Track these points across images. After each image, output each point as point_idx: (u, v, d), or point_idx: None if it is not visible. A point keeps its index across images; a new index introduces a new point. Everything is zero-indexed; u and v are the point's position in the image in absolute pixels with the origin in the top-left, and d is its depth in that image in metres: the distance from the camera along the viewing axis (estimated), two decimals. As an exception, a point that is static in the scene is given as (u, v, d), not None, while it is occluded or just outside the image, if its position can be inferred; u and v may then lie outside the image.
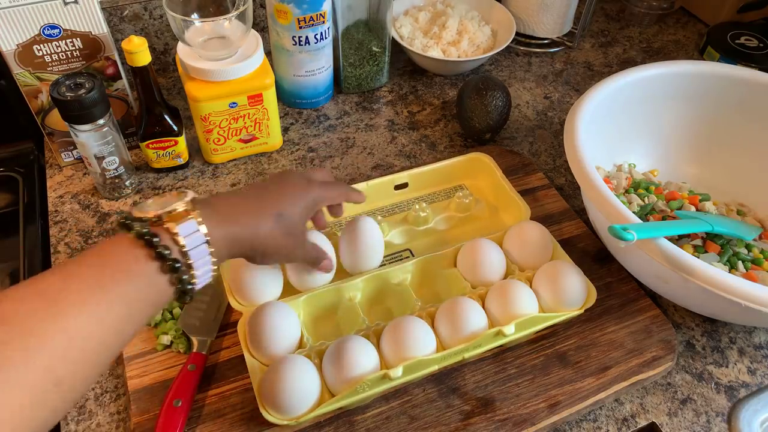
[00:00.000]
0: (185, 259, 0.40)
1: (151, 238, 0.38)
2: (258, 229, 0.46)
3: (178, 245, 0.39)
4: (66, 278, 0.36)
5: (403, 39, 0.89)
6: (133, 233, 0.39)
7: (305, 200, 0.50)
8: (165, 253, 0.38)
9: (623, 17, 1.06)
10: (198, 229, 0.41)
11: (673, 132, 0.73)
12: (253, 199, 0.48)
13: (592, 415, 0.55)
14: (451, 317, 0.54)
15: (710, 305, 0.55)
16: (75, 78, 0.62)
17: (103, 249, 0.38)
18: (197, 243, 0.40)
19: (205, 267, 0.41)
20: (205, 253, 0.41)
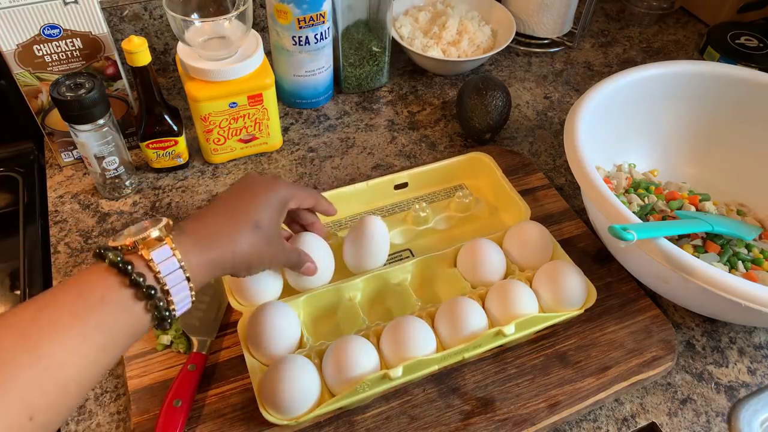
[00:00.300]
0: (161, 285, 0.39)
1: (126, 265, 0.38)
2: (237, 247, 0.45)
3: (152, 271, 0.39)
4: (40, 309, 0.35)
5: (403, 39, 0.89)
6: (106, 262, 0.38)
7: (275, 201, 0.49)
8: (139, 280, 0.38)
9: (623, 17, 1.06)
10: (173, 254, 0.40)
11: (673, 132, 0.73)
12: (227, 215, 0.46)
13: (592, 415, 0.55)
14: (451, 317, 0.54)
15: (710, 305, 0.55)
16: (75, 78, 0.62)
17: (79, 279, 0.38)
18: (172, 269, 0.40)
19: (182, 293, 0.41)
20: (181, 278, 0.40)
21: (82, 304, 0.36)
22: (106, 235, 0.67)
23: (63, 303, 0.36)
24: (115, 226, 0.68)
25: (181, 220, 0.64)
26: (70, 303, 0.36)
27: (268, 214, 0.48)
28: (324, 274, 0.57)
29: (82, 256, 0.65)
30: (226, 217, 0.46)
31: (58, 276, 0.63)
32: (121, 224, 0.69)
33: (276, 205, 0.49)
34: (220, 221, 0.46)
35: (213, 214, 0.46)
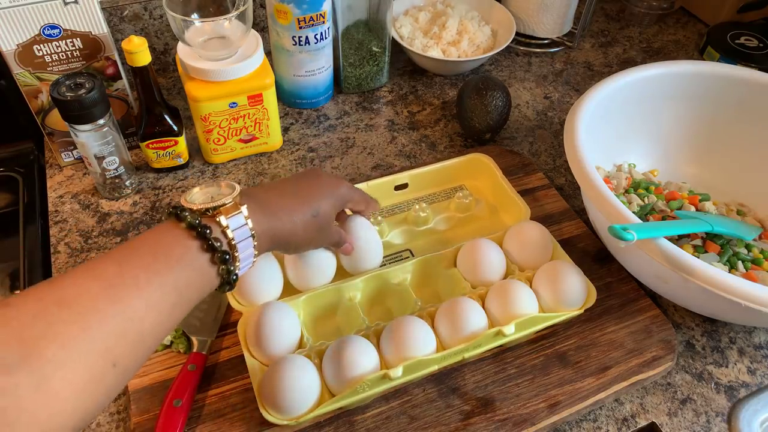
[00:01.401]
0: (232, 251, 0.41)
1: (204, 229, 0.40)
2: (295, 224, 0.48)
3: (227, 237, 0.41)
4: (122, 263, 0.37)
5: (403, 39, 0.89)
6: (185, 224, 0.40)
7: (335, 196, 0.52)
8: (216, 245, 0.40)
9: (623, 17, 1.06)
10: (246, 223, 0.42)
11: (673, 132, 0.73)
12: (292, 195, 0.49)
13: (592, 415, 0.55)
14: (451, 317, 0.54)
15: (710, 305, 0.55)
16: (75, 78, 0.62)
17: (156, 237, 0.40)
18: (244, 236, 0.42)
19: (247, 260, 0.43)
20: (249, 245, 0.43)
21: (162, 263, 0.38)
22: (106, 235, 0.67)
23: (143, 261, 0.38)
24: (115, 226, 0.68)
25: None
26: (150, 261, 0.38)
27: (326, 205, 0.51)
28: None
29: (83, 256, 0.65)
30: (290, 196, 0.49)
31: (58, 276, 0.63)
32: (121, 224, 0.69)
33: (335, 200, 0.52)
34: (285, 199, 0.48)
35: (279, 191, 0.49)
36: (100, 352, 0.33)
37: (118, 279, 0.36)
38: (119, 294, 0.35)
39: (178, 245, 0.39)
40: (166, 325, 0.38)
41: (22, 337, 0.31)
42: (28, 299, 0.33)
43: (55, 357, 0.31)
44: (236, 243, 0.41)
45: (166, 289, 0.37)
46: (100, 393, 0.34)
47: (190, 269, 0.39)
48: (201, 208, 0.41)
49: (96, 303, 0.34)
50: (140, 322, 0.36)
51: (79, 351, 0.32)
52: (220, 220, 0.41)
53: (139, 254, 0.38)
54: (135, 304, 0.36)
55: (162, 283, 0.37)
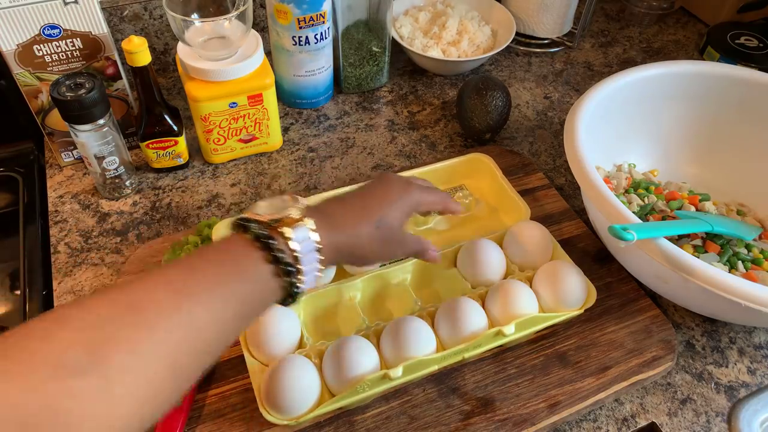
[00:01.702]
0: (296, 264, 0.40)
1: (268, 240, 0.39)
2: (359, 237, 0.46)
3: (291, 250, 0.40)
4: (189, 271, 0.37)
5: (403, 39, 0.89)
6: (250, 234, 0.40)
7: (404, 204, 0.50)
8: (280, 256, 0.39)
9: (623, 17, 1.06)
10: (310, 236, 0.42)
11: (672, 132, 0.73)
12: (357, 207, 0.48)
13: (592, 415, 0.55)
14: (451, 317, 0.54)
15: (710, 305, 0.55)
16: (75, 78, 0.62)
17: (222, 247, 0.40)
18: (309, 249, 0.41)
19: (312, 273, 0.42)
20: (314, 259, 0.42)
21: (226, 273, 0.38)
22: (106, 235, 0.67)
23: (210, 270, 0.37)
24: (115, 226, 0.68)
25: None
26: (216, 271, 0.38)
27: (393, 214, 0.49)
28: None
29: (82, 256, 0.65)
30: (355, 208, 0.48)
31: (58, 276, 0.63)
32: (121, 224, 0.69)
33: (404, 207, 0.50)
34: (348, 211, 0.47)
35: (344, 203, 0.48)
36: (163, 359, 0.33)
37: (184, 287, 0.36)
38: (184, 302, 0.35)
39: (243, 256, 0.39)
40: (227, 336, 0.38)
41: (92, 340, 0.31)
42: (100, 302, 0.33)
43: (122, 362, 0.31)
44: (300, 256, 0.40)
45: (230, 299, 0.37)
46: (159, 401, 0.33)
47: (254, 280, 0.39)
48: (267, 220, 0.41)
49: (162, 310, 0.34)
50: (203, 330, 0.35)
51: (145, 357, 0.32)
52: (284, 231, 0.40)
53: (206, 263, 0.38)
54: (199, 313, 0.35)
55: (225, 293, 0.37)
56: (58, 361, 0.29)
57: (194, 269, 0.37)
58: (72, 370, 0.29)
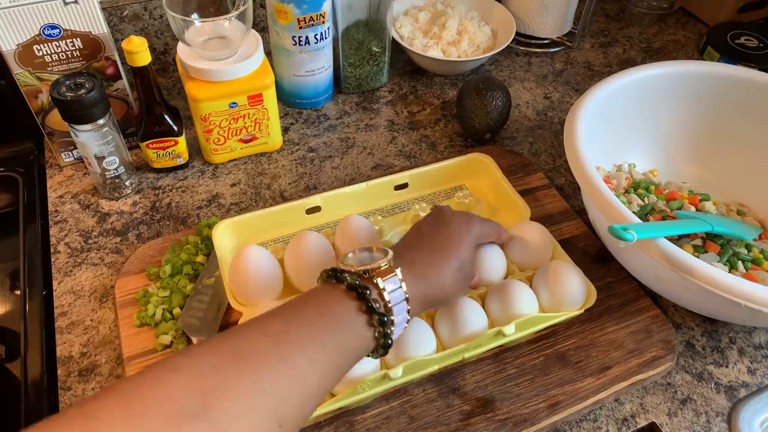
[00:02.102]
0: (388, 314, 0.41)
1: (364, 290, 0.40)
2: (445, 282, 0.48)
3: (383, 300, 0.41)
4: (288, 321, 0.38)
5: (403, 39, 0.89)
6: (344, 285, 0.41)
7: (471, 239, 0.52)
8: (375, 306, 0.40)
9: (623, 17, 1.06)
10: (400, 285, 0.43)
11: (673, 132, 0.73)
12: (436, 251, 0.49)
13: (592, 415, 0.55)
14: (451, 317, 0.54)
15: (710, 305, 0.55)
16: (75, 78, 0.62)
17: (318, 296, 0.41)
18: (399, 300, 0.42)
19: (401, 324, 0.43)
20: (403, 309, 0.43)
21: (323, 322, 0.38)
22: (106, 235, 0.67)
23: (308, 319, 0.38)
24: (115, 226, 0.68)
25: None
26: (314, 319, 0.38)
27: (466, 252, 0.50)
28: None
29: (82, 256, 0.65)
30: (434, 254, 0.48)
31: (58, 276, 0.63)
32: (121, 224, 0.69)
33: (472, 243, 0.52)
34: (428, 257, 0.48)
35: (422, 248, 0.49)
36: (268, 408, 0.34)
37: (284, 336, 0.36)
38: (286, 351, 0.36)
39: (339, 305, 0.40)
40: (326, 386, 0.38)
41: (202, 388, 0.32)
42: (206, 350, 0.34)
43: (231, 410, 0.32)
44: (392, 306, 0.42)
45: (328, 348, 0.38)
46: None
47: (350, 329, 0.40)
48: (359, 270, 0.42)
49: (266, 358, 0.35)
50: (304, 380, 0.36)
51: (252, 405, 0.33)
52: (378, 282, 0.42)
53: (304, 312, 0.39)
54: (300, 362, 0.36)
55: (324, 341, 0.38)
56: (172, 408, 0.31)
57: (293, 318, 0.38)
58: (187, 417, 0.30)
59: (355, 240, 0.59)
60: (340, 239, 0.59)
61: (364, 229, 0.59)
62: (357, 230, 0.59)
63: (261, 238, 0.64)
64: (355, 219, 0.60)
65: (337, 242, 0.60)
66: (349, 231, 0.59)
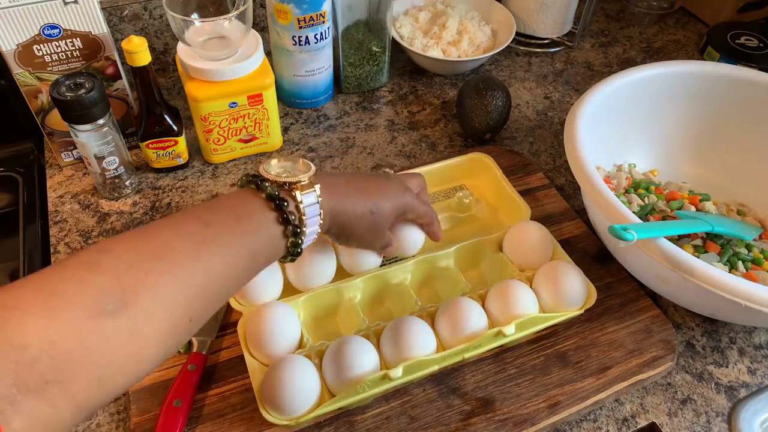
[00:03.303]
0: (302, 226, 0.44)
1: (282, 202, 0.42)
2: (354, 214, 0.49)
3: (299, 213, 0.43)
4: (206, 225, 0.39)
5: (403, 39, 0.89)
6: (264, 194, 0.42)
7: (398, 203, 0.53)
8: (291, 218, 0.42)
9: (623, 17, 1.06)
10: (317, 201, 0.45)
11: (673, 132, 0.73)
12: (359, 187, 0.51)
13: (592, 415, 0.55)
14: (451, 317, 0.54)
15: (710, 305, 0.55)
16: (75, 78, 0.62)
17: (237, 201, 0.42)
18: (314, 213, 0.45)
19: (311, 235, 0.45)
20: (316, 222, 0.45)
21: (240, 229, 0.40)
22: (106, 235, 0.67)
23: (226, 222, 0.40)
24: (115, 226, 0.68)
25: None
26: (232, 223, 0.40)
27: (386, 207, 0.52)
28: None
29: (82, 256, 0.65)
30: (357, 187, 0.50)
31: (58, 276, 0.63)
32: (121, 224, 0.69)
33: (397, 206, 0.53)
34: (351, 187, 0.50)
35: (348, 181, 0.51)
36: (182, 305, 0.36)
37: (202, 237, 0.38)
38: (204, 251, 0.37)
39: (257, 213, 0.41)
40: (235, 287, 0.41)
41: (121, 285, 0.33)
42: (124, 248, 0.35)
43: (148, 307, 0.34)
44: (306, 219, 0.44)
45: (243, 252, 0.40)
46: (173, 344, 0.36)
47: (265, 237, 0.42)
48: (280, 181, 0.43)
49: (183, 259, 0.37)
50: (218, 280, 0.38)
51: (167, 303, 0.35)
52: (296, 195, 0.43)
53: (222, 215, 0.40)
54: (216, 263, 0.38)
55: (240, 245, 0.40)
56: (92, 304, 0.32)
57: (211, 220, 0.39)
58: (105, 314, 0.32)
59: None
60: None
61: None
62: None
63: (261, 238, 0.64)
64: None
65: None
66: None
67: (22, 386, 0.28)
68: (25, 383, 0.28)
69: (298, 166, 0.47)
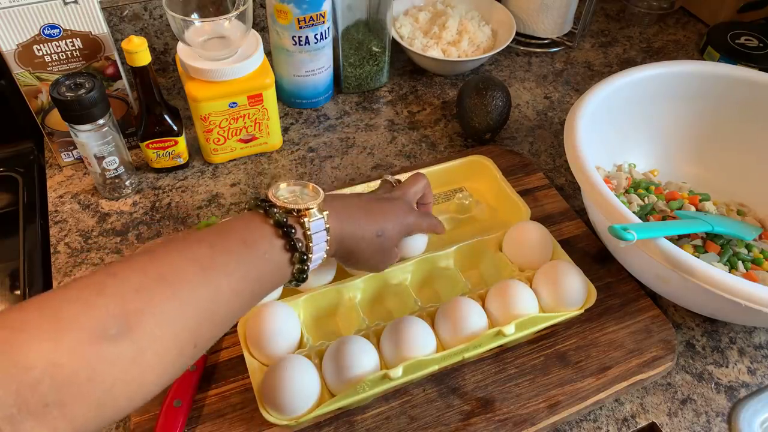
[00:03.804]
0: (308, 253, 0.44)
1: (290, 229, 0.42)
2: (361, 239, 0.49)
3: (306, 240, 0.43)
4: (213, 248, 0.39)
5: (403, 39, 0.89)
6: (272, 220, 0.42)
7: (403, 225, 0.53)
8: (298, 245, 0.42)
9: (623, 17, 1.06)
10: (325, 228, 0.45)
11: (673, 132, 0.73)
12: (365, 211, 0.51)
13: (592, 415, 0.55)
14: (451, 317, 0.54)
15: (710, 305, 0.55)
16: (75, 78, 0.62)
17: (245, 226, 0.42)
18: (321, 240, 0.45)
19: (317, 261, 0.45)
20: (322, 249, 0.45)
21: (248, 254, 0.40)
22: (106, 235, 0.67)
23: (233, 248, 0.40)
24: (115, 226, 0.68)
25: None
26: (239, 249, 0.40)
27: (392, 229, 0.52)
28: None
29: (82, 256, 0.65)
30: (363, 211, 0.50)
31: (58, 276, 0.63)
32: (121, 224, 0.69)
33: (402, 227, 0.53)
34: (358, 212, 0.50)
35: (354, 205, 0.51)
36: (188, 330, 0.36)
37: (210, 262, 0.38)
38: (211, 277, 0.37)
39: (264, 240, 0.41)
40: (241, 312, 0.41)
41: (126, 310, 0.33)
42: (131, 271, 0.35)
43: (153, 332, 0.33)
44: (313, 246, 0.44)
45: (249, 277, 0.40)
46: (178, 369, 0.36)
47: (272, 264, 0.41)
48: (288, 207, 0.43)
49: (190, 283, 0.36)
50: (224, 305, 0.38)
51: (172, 328, 0.35)
52: (304, 222, 0.43)
53: (230, 241, 0.40)
54: (223, 289, 0.38)
55: (247, 271, 0.40)
56: (96, 328, 0.32)
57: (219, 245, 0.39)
58: (109, 338, 0.32)
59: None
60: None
61: None
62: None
63: (261, 238, 0.64)
64: None
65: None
66: None
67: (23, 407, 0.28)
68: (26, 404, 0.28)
69: (307, 191, 0.47)
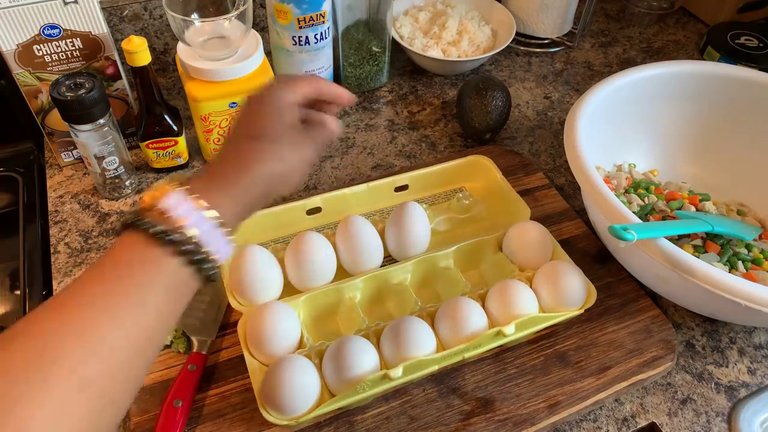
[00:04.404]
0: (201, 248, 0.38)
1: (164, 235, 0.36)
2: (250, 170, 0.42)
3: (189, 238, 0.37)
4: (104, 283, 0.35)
5: (403, 39, 0.89)
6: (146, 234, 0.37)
7: (272, 107, 0.45)
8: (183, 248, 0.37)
9: (623, 17, 1.06)
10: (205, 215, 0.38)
11: (673, 132, 0.73)
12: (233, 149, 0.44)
13: (592, 415, 0.55)
14: (451, 317, 0.54)
15: (710, 305, 0.55)
16: (75, 78, 0.62)
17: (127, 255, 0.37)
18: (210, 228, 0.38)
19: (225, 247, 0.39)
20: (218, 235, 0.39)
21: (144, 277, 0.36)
22: (106, 235, 0.67)
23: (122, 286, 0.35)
24: (116, 226, 0.68)
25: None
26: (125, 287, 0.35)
27: (264, 122, 0.44)
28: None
29: (82, 256, 0.65)
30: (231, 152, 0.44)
31: (58, 276, 0.63)
32: (121, 224, 0.68)
33: (273, 113, 0.45)
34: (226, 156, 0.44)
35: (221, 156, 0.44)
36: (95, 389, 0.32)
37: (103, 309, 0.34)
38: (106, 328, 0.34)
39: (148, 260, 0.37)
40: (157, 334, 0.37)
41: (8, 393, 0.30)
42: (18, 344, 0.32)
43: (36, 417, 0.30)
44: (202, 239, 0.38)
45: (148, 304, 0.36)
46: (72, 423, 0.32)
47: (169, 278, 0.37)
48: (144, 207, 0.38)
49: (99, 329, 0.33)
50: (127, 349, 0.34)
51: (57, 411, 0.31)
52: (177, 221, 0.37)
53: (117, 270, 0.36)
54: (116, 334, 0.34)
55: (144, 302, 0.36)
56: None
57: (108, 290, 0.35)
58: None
59: (355, 240, 0.58)
60: (341, 240, 0.59)
61: (364, 229, 0.59)
62: (357, 231, 0.59)
63: (261, 238, 0.64)
64: (355, 220, 0.60)
65: (338, 243, 0.60)
66: (350, 232, 0.59)
67: None
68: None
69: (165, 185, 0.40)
